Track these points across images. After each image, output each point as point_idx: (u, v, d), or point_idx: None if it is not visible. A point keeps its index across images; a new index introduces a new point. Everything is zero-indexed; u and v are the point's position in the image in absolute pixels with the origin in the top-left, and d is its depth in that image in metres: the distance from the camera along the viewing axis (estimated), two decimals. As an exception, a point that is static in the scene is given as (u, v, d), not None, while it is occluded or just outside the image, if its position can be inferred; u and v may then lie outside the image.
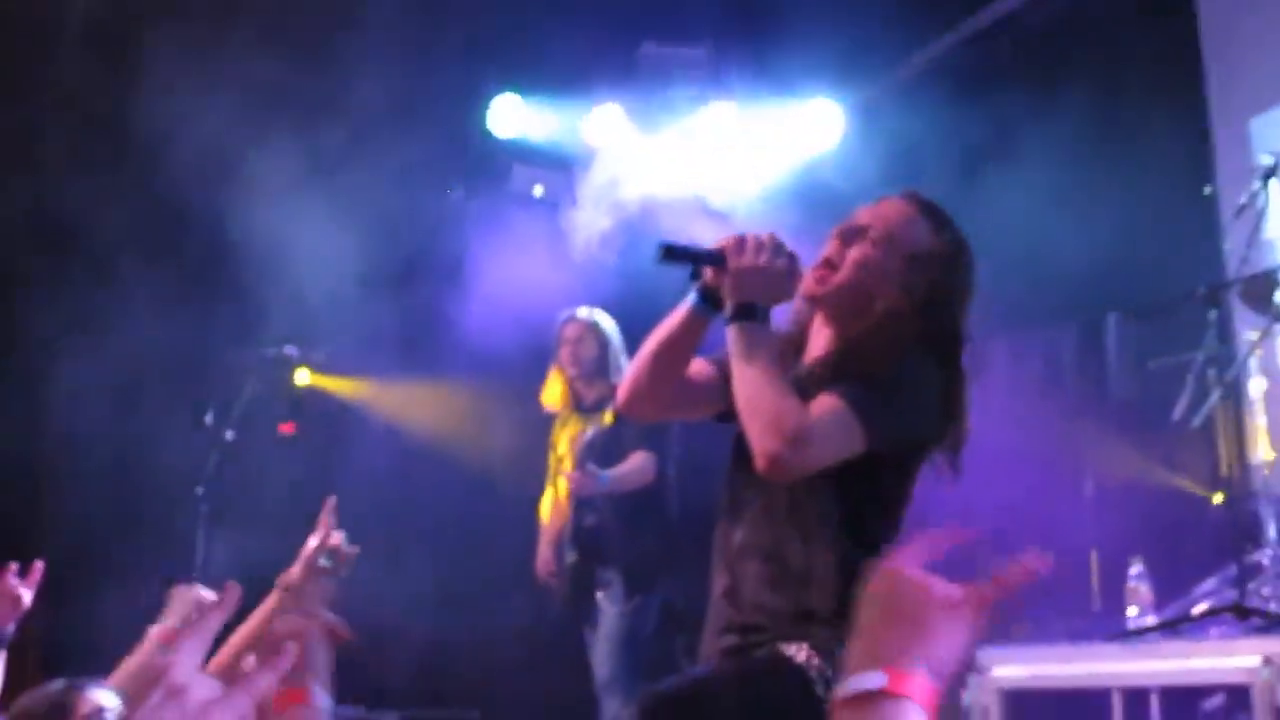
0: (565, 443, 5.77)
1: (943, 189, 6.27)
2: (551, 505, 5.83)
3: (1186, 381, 5.34)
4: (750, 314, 2.67)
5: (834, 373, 2.69)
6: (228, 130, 6.00)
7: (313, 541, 3.13)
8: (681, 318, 2.82)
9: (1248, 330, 5.45)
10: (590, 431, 5.68)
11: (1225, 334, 5.05)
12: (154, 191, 6.27)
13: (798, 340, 2.93)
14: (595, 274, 6.69)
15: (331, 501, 3.18)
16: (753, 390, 2.62)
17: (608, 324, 5.77)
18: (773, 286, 2.70)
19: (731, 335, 2.69)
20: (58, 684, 2.75)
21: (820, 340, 2.87)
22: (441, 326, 6.88)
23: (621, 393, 2.97)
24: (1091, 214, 6.45)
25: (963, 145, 6.57)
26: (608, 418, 5.64)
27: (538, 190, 7.79)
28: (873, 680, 1.29)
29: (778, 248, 2.69)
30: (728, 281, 2.69)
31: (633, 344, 5.63)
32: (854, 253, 2.78)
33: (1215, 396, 4.99)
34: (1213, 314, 4.78)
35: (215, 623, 1.48)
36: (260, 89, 6.13)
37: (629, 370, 2.96)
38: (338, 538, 3.13)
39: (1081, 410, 6.60)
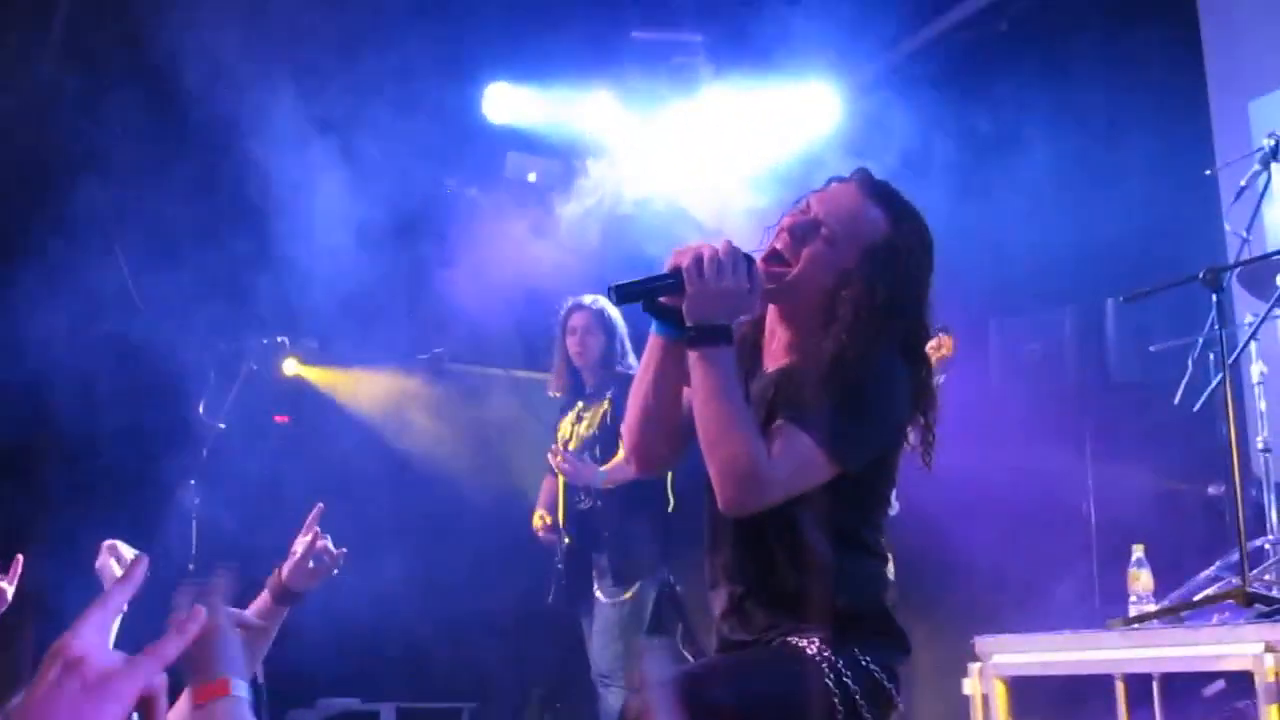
0: (567, 428, 5.73)
1: (941, 172, 6.30)
2: (545, 482, 5.81)
3: (1187, 365, 5.31)
4: (712, 337, 2.54)
5: (799, 393, 2.58)
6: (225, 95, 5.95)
7: (298, 546, 3.13)
8: (655, 354, 2.70)
9: (1248, 314, 5.41)
10: (588, 421, 5.64)
11: (1225, 317, 4.99)
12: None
13: (752, 336, 2.81)
14: (590, 260, 6.65)
15: (318, 509, 3.18)
16: (714, 428, 2.52)
17: (613, 312, 5.71)
18: (734, 305, 2.56)
19: (692, 362, 2.57)
20: None
21: (779, 340, 2.76)
22: (434, 312, 6.84)
23: (631, 457, 2.85)
24: (1092, 197, 6.42)
25: (961, 128, 6.53)
26: (605, 406, 5.60)
27: (531, 176, 7.75)
28: None
29: (735, 261, 2.54)
30: (686, 305, 2.56)
31: (633, 329, 5.62)
32: (809, 251, 2.65)
33: (1216, 380, 4.95)
34: (1213, 297, 4.72)
35: (121, 597, 1.44)
36: (254, 74, 6.08)
37: (627, 433, 2.83)
38: (323, 542, 3.13)
39: (1082, 393, 6.56)
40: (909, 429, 2.71)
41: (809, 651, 2.55)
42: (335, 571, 3.13)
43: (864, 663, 2.57)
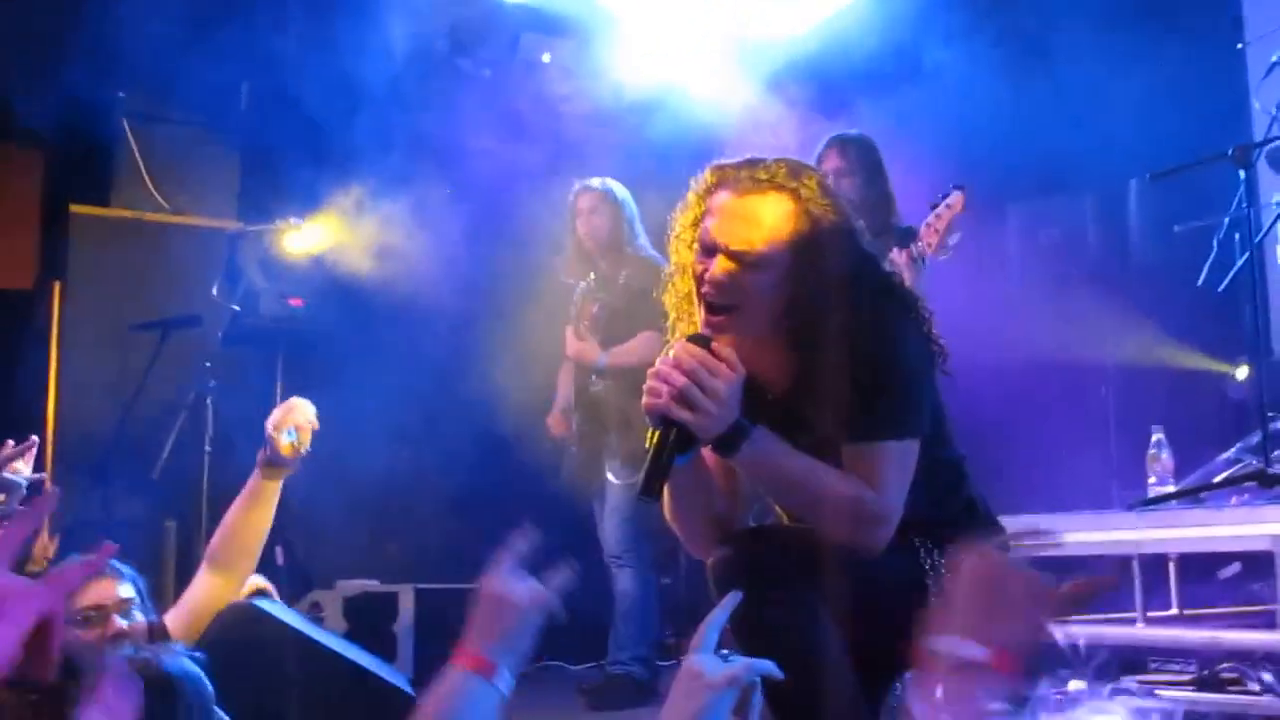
0: (582, 308, 5.70)
1: (960, 54, 6.17)
2: (563, 366, 5.81)
3: (1211, 246, 5.24)
4: (741, 433, 2.48)
5: (840, 411, 2.53)
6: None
7: (269, 424, 3.22)
8: (687, 477, 2.61)
9: (1275, 194, 5.32)
10: (602, 301, 5.61)
11: (1252, 197, 4.91)
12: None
13: None
14: (606, 142, 6.57)
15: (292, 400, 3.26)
16: (811, 505, 2.51)
17: (622, 192, 5.65)
18: (735, 395, 2.47)
19: (742, 466, 2.54)
20: None
21: (763, 360, 2.63)
22: (451, 194, 6.77)
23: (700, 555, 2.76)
24: (1118, 75, 6.28)
25: (979, 9, 6.38)
26: (619, 286, 5.55)
27: (546, 57, 7.62)
28: (976, 652, 1.50)
29: (707, 366, 2.46)
30: (700, 433, 2.48)
31: (645, 210, 5.56)
32: (743, 285, 2.53)
33: (1241, 260, 4.88)
34: (1241, 175, 4.64)
35: (19, 533, 1.43)
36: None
37: (686, 538, 2.73)
38: (292, 416, 3.23)
39: (1104, 276, 6.49)
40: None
41: (916, 544, 2.61)
42: (306, 449, 3.22)
43: None
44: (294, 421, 3.23)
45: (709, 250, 2.57)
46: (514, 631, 1.85)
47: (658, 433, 2.51)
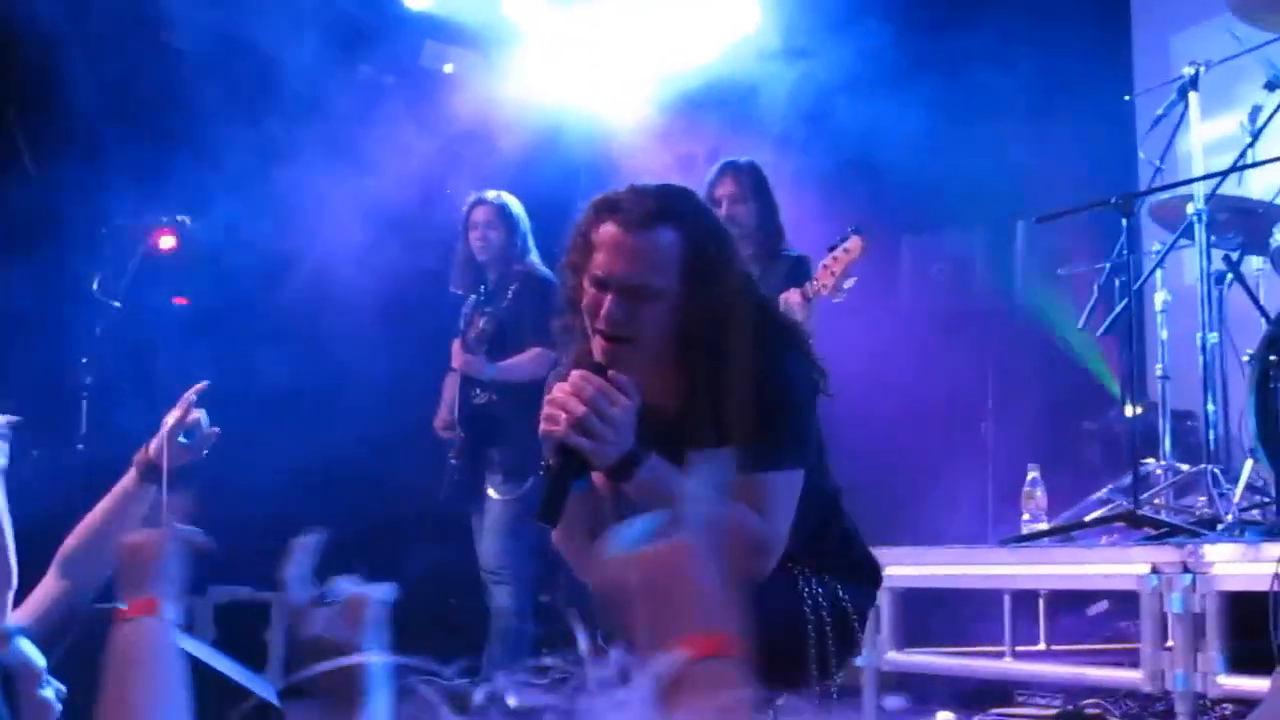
0: (473, 324, 5.67)
1: (858, 89, 6.25)
2: (448, 378, 5.76)
3: (1093, 290, 5.35)
4: (636, 460, 2.48)
5: (729, 437, 2.50)
6: None
7: (169, 419, 2.97)
8: (573, 504, 2.56)
9: (1155, 242, 5.46)
10: (490, 315, 5.58)
11: (1134, 244, 5.03)
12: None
13: None
14: (503, 155, 6.55)
15: (199, 385, 3.01)
16: None
17: (516, 207, 5.65)
18: (630, 422, 2.48)
19: (631, 492, 2.51)
20: None
21: (656, 384, 2.61)
22: (344, 204, 6.70)
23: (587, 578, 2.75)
24: (1009, 120, 6.41)
25: (878, 45, 6.47)
26: (506, 301, 5.54)
27: (448, 68, 7.58)
28: (677, 658, 1.27)
29: (606, 394, 2.47)
30: (596, 460, 2.49)
31: (538, 224, 5.55)
32: (640, 315, 2.53)
33: (1120, 306, 5.00)
34: (1123, 222, 4.75)
35: None
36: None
37: (577, 563, 2.71)
38: (196, 414, 2.97)
39: (988, 314, 6.60)
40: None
41: (795, 572, 2.64)
42: (205, 452, 2.99)
43: (842, 600, 2.65)
44: (194, 420, 3.02)
45: (601, 285, 2.56)
46: (159, 568, 1.88)
47: (555, 460, 2.51)
